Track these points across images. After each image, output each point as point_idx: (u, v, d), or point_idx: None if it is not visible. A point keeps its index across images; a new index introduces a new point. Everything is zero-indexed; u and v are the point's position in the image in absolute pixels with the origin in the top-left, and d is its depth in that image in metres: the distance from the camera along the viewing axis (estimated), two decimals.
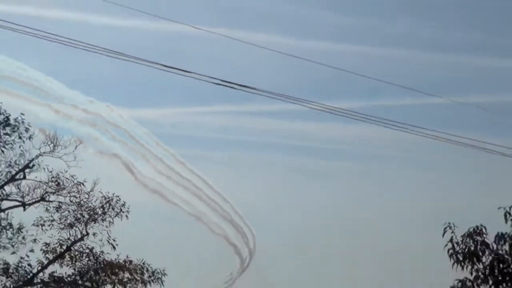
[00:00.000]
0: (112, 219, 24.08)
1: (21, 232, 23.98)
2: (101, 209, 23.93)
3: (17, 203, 23.74)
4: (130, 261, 24.34)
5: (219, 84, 19.35)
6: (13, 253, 24.02)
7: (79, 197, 23.80)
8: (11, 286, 23.80)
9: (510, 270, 15.96)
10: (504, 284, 16.00)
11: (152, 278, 24.45)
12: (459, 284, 16.01)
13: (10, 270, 23.86)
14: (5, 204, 23.76)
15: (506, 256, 16.05)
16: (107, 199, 23.91)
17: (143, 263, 24.48)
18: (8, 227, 23.82)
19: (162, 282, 24.56)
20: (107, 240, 24.04)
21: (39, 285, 24.04)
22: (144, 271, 24.37)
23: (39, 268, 23.96)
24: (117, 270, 24.13)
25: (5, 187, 23.43)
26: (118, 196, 24.16)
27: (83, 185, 23.75)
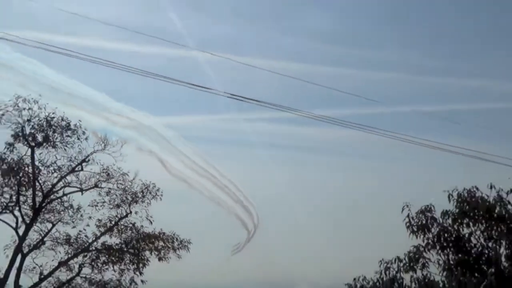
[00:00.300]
0: (149, 201, 24.18)
1: (80, 211, 24.23)
2: (141, 193, 24.06)
3: (76, 189, 23.95)
4: (163, 233, 24.48)
5: (230, 97, 19.98)
6: (74, 227, 24.35)
7: (124, 184, 23.98)
8: (73, 253, 24.11)
9: (452, 239, 16.41)
10: (448, 249, 16.41)
11: (180, 245, 24.56)
12: (414, 249, 16.50)
13: (71, 240, 24.23)
14: (67, 190, 23.97)
15: (449, 228, 16.49)
16: (146, 186, 24.07)
17: (173, 234, 24.60)
18: (69, 207, 24.12)
19: (188, 249, 24.71)
20: (145, 217, 24.25)
21: (93, 252, 24.29)
22: (174, 240, 24.51)
23: (94, 238, 24.27)
24: (153, 240, 24.31)
25: (67, 177, 23.59)
26: (153, 183, 24.28)
27: (127, 175, 23.90)
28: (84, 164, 23.43)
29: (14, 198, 23.01)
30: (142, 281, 24.27)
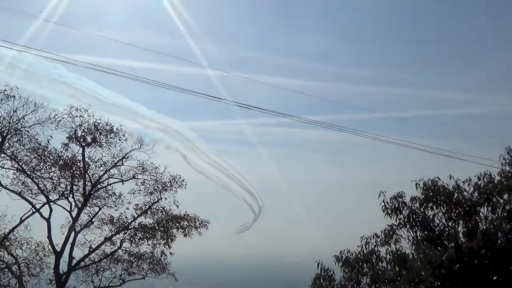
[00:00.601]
0: (176, 189, 24.28)
1: (121, 197, 24.39)
2: (169, 183, 24.12)
3: (118, 180, 24.14)
4: (188, 215, 24.60)
5: (238, 106, 20.07)
6: (116, 210, 24.51)
7: (156, 176, 24.05)
8: (115, 230, 24.38)
9: (419, 219, 16.52)
10: (416, 228, 16.53)
11: (201, 224, 24.69)
12: (389, 227, 16.66)
13: (114, 221, 24.45)
14: (111, 180, 24.20)
15: (417, 210, 16.64)
16: (173, 177, 24.15)
17: (195, 216, 24.73)
18: (112, 194, 24.30)
19: (207, 227, 24.86)
20: (173, 202, 24.34)
21: (132, 230, 24.49)
22: (196, 220, 24.61)
23: (132, 219, 24.44)
24: (179, 220, 24.42)
25: (111, 170, 23.80)
26: (179, 175, 24.38)
27: (158, 168, 23.99)
28: (124, 160, 23.60)
29: (68, 187, 23.36)
30: (170, 253, 24.57)
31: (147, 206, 24.39)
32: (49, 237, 22.92)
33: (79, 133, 22.57)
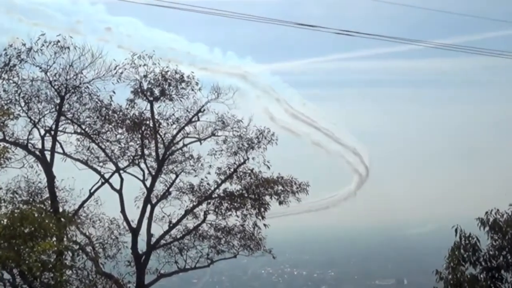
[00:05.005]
0: (265, 146, 24.00)
1: (200, 160, 24.73)
2: (256, 139, 23.92)
3: (194, 139, 24.42)
4: (282, 177, 24.35)
5: (339, 33, 19.27)
6: (195, 176, 24.92)
7: (239, 131, 24.02)
8: (197, 201, 24.85)
9: None
10: None
11: (299, 189, 24.37)
12: None
13: (195, 189, 24.97)
14: (186, 140, 24.54)
15: None
16: (260, 131, 23.89)
17: (291, 178, 24.40)
18: (190, 157, 24.70)
19: (307, 191, 24.53)
20: (263, 163, 24.15)
21: (216, 199, 24.77)
22: (293, 184, 24.32)
23: (215, 186, 24.69)
24: (272, 184, 24.26)
25: (185, 128, 24.11)
26: (268, 128, 24.06)
27: (242, 122, 23.88)
28: (200, 114, 23.81)
29: (139, 151, 23.99)
30: (264, 225, 24.64)
31: (232, 169, 24.46)
32: (123, 211, 23.85)
33: (145, 85, 23.04)
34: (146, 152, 24.12)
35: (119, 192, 23.86)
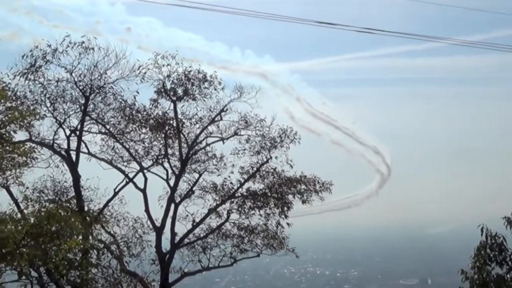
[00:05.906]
0: (288, 145, 24.00)
1: (223, 160, 24.72)
2: (279, 138, 23.91)
3: (217, 139, 24.49)
4: (305, 176, 24.32)
5: (360, 31, 19.02)
6: (218, 175, 24.96)
7: (262, 130, 24.03)
8: (220, 200, 24.91)
9: None
10: None
11: (322, 188, 24.31)
12: None
13: (218, 188, 24.99)
14: (209, 140, 24.62)
15: None
16: (283, 130, 23.88)
17: (314, 177, 24.37)
18: (213, 157, 24.71)
19: (330, 191, 24.48)
20: (285, 161, 24.14)
21: (239, 198, 24.82)
22: (316, 183, 24.28)
23: (238, 185, 24.74)
24: (295, 183, 24.24)
25: (208, 127, 24.23)
26: (291, 127, 24.08)
27: (264, 121, 23.89)
28: (222, 113, 23.90)
29: (162, 151, 24.15)
30: (287, 223, 24.59)
31: (255, 169, 24.48)
32: (147, 210, 24.06)
33: (168, 85, 23.22)
34: (169, 151, 24.27)
35: (143, 191, 24.07)
